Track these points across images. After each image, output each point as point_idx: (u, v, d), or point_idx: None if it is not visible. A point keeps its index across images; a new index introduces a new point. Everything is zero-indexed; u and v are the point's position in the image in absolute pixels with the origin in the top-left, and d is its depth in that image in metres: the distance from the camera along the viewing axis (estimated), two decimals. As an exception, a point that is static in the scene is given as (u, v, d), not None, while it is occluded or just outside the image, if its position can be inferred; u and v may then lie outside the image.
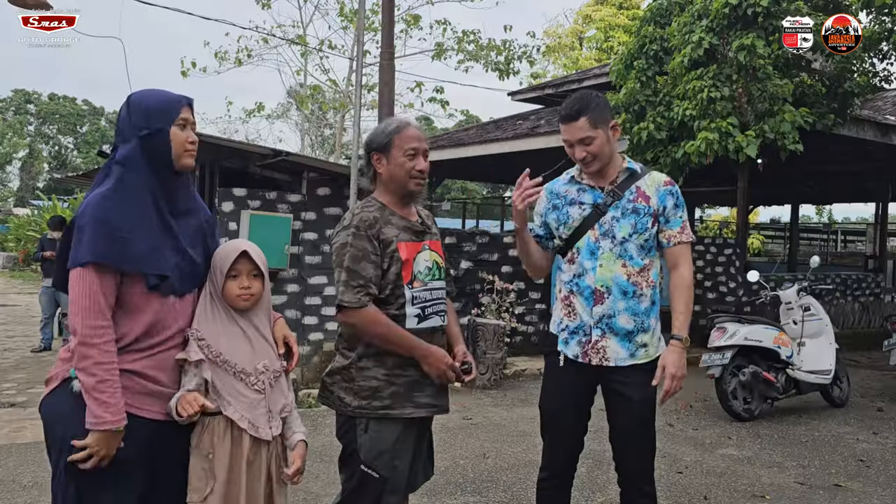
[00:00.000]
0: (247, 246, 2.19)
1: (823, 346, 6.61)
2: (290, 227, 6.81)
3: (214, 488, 2.06)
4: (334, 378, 2.43)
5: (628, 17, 24.86)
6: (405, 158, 2.40)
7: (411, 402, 2.38)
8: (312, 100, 19.24)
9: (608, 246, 2.64)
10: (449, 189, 37.34)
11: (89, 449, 1.88)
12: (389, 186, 2.44)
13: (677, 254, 2.72)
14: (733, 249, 10.87)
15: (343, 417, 2.42)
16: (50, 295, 8.61)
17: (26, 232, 22.72)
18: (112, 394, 1.88)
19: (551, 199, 2.78)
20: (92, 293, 1.89)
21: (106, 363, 1.88)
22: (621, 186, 2.67)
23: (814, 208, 38.36)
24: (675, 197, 2.69)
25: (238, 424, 2.08)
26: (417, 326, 2.39)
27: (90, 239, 1.90)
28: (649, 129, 8.68)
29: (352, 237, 2.33)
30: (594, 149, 2.61)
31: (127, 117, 2.05)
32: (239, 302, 2.15)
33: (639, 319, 2.67)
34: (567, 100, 2.73)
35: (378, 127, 2.49)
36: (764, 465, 4.91)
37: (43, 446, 2.06)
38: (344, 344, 2.43)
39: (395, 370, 2.36)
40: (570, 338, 2.70)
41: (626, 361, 2.64)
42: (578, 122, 2.60)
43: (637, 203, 2.65)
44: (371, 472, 2.33)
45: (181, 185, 2.12)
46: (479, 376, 7.06)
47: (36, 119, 49.43)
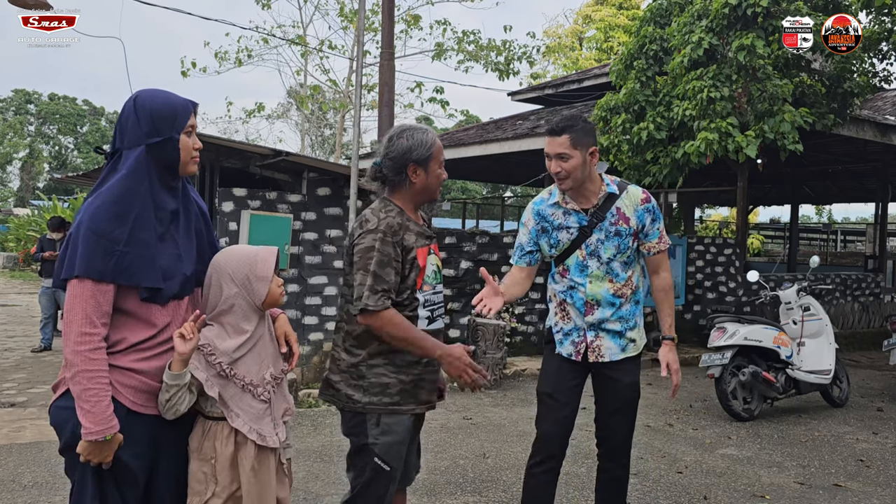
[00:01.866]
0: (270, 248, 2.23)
1: (823, 346, 6.61)
2: (291, 227, 6.81)
3: (216, 492, 2.06)
4: (342, 376, 2.46)
5: (628, 18, 24.86)
6: (440, 169, 2.52)
7: (415, 399, 2.46)
8: (312, 100, 19.26)
9: (595, 265, 2.92)
10: (449, 189, 37.34)
11: (82, 456, 1.90)
12: (418, 195, 2.51)
13: (657, 261, 3.02)
14: (733, 249, 10.87)
15: (351, 414, 2.45)
16: (50, 295, 8.62)
17: (26, 232, 22.73)
18: (96, 403, 1.87)
19: (539, 222, 3.00)
20: (83, 303, 1.89)
21: (91, 371, 1.88)
22: (602, 209, 2.90)
23: (814, 208, 38.40)
24: (651, 213, 2.95)
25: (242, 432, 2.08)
26: (428, 328, 2.48)
27: (85, 252, 1.89)
28: (649, 129, 8.69)
29: (379, 242, 2.35)
30: (568, 167, 2.80)
31: (136, 122, 2.00)
32: (281, 299, 2.21)
33: (626, 321, 2.97)
34: (557, 116, 2.93)
35: (415, 138, 2.45)
36: (764, 465, 4.91)
37: (43, 446, 2.07)
38: (352, 342, 2.45)
39: (403, 368, 2.44)
40: (564, 339, 3.00)
41: (618, 356, 2.96)
42: (560, 139, 2.80)
43: (619, 226, 2.90)
44: (383, 464, 2.40)
45: (178, 187, 2.11)
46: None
47: (36, 119, 49.44)
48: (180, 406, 2.01)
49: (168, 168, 2.03)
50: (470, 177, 21.81)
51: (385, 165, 2.47)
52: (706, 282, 10.55)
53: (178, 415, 2.02)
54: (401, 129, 2.51)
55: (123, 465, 1.95)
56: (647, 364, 8.73)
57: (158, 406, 2.01)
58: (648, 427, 5.80)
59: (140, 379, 1.99)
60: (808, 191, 18.76)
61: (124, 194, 1.95)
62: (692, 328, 10.21)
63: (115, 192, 1.95)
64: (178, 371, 1.96)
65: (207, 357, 2.05)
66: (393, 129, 2.54)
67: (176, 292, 2.05)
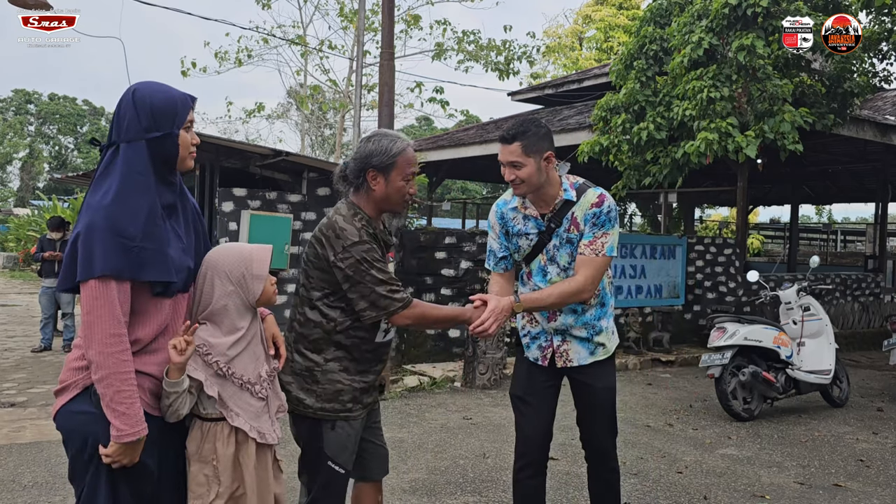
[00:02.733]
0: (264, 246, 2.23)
1: (823, 346, 6.61)
2: (291, 227, 6.81)
3: (220, 492, 2.06)
4: (294, 378, 2.44)
5: (628, 18, 24.87)
6: (403, 182, 2.44)
7: (360, 404, 2.51)
8: (312, 100, 19.26)
9: (555, 270, 2.87)
10: (449, 189, 37.36)
11: (112, 458, 1.88)
12: (379, 203, 2.47)
13: (580, 262, 2.79)
14: (733, 249, 10.88)
15: (301, 418, 2.45)
16: (50, 295, 8.61)
17: (26, 232, 22.73)
18: (130, 405, 1.87)
19: (503, 225, 2.95)
20: (108, 303, 1.86)
21: (122, 373, 1.86)
22: (558, 215, 2.83)
23: (814, 208, 38.39)
24: (596, 217, 2.78)
25: (242, 431, 2.09)
26: (384, 339, 2.51)
27: (104, 251, 1.86)
28: (649, 129, 8.69)
29: (369, 252, 2.36)
30: (522, 174, 2.74)
31: (136, 117, 1.97)
32: (274, 298, 2.21)
33: (590, 326, 2.90)
34: (510, 122, 2.86)
35: (380, 143, 2.42)
36: (764, 465, 4.91)
37: (43, 446, 2.06)
38: (307, 345, 2.44)
39: (356, 376, 2.47)
40: (532, 343, 2.98)
41: (587, 360, 2.91)
42: (511, 146, 2.74)
43: (570, 233, 2.82)
44: (337, 468, 2.44)
45: (175, 182, 2.10)
46: (479, 376, 7.07)
47: (36, 119, 49.45)
48: (182, 409, 2.01)
49: (166, 163, 2.02)
50: (470, 177, 21.79)
51: (349, 166, 2.49)
52: (706, 282, 10.55)
53: (180, 418, 2.03)
54: (374, 133, 2.52)
55: (142, 465, 1.95)
56: (647, 364, 8.74)
57: (160, 410, 2.01)
58: (648, 427, 5.80)
59: (152, 381, 1.99)
60: (808, 191, 18.76)
61: (133, 191, 1.93)
62: (692, 328, 10.21)
63: (124, 189, 1.92)
64: (175, 379, 1.96)
65: (204, 357, 2.05)
66: (370, 132, 2.56)
67: (182, 287, 2.05)
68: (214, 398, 2.06)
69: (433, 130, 35.51)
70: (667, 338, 9.39)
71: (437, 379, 7.12)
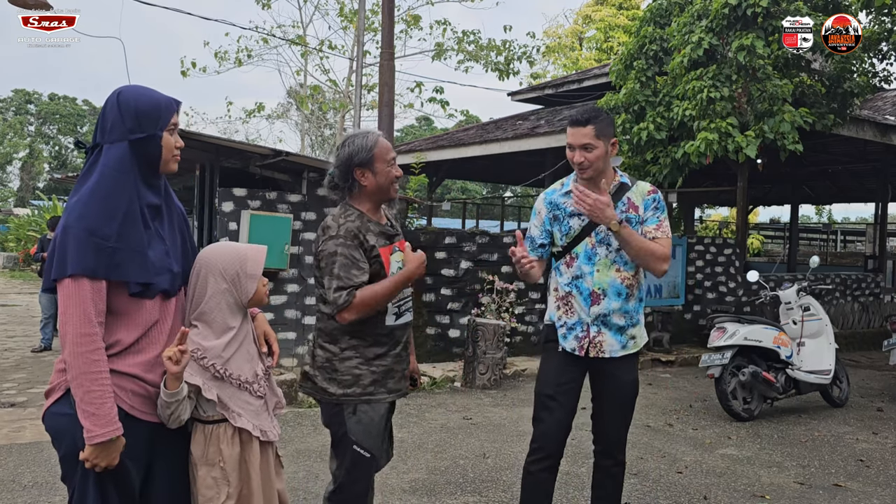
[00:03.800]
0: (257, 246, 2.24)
1: (823, 346, 6.61)
2: (291, 227, 6.81)
3: (230, 493, 2.06)
4: (318, 371, 2.59)
5: (628, 18, 24.86)
6: (388, 168, 2.60)
7: (385, 388, 2.60)
8: (312, 100, 19.25)
9: (604, 252, 2.94)
10: (449, 189, 37.36)
11: (89, 461, 1.88)
12: (374, 196, 2.61)
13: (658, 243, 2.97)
14: (733, 249, 10.88)
15: (328, 406, 2.58)
16: (50, 295, 8.61)
17: (26, 232, 22.75)
18: (100, 405, 1.85)
19: (552, 210, 3.05)
20: (80, 302, 1.86)
21: (91, 373, 1.85)
22: (615, 196, 2.94)
23: (814, 208, 38.39)
24: (655, 202, 2.99)
25: (246, 431, 2.10)
26: (395, 323, 2.61)
27: (77, 250, 1.86)
28: (649, 129, 8.69)
29: (341, 247, 2.49)
30: (592, 157, 2.87)
31: (120, 118, 1.98)
32: (266, 300, 2.22)
33: (629, 316, 2.99)
34: (579, 108, 2.97)
35: (355, 143, 2.57)
36: (764, 464, 4.92)
37: (43, 446, 2.06)
38: (325, 338, 2.58)
39: (373, 360, 2.57)
40: (568, 333, 3.00)
41: (618, 353, 2.97)
42: (585, 129, 2.86)
43: (629, 213, 2.95)
44: (363, 451, 2.53)
45: (160, 184, 2.10)
46: (479, 376, 7.07)
47: (36, 119, 49.44)
48: (183, 415, 2.01)
49: (150, 165, 2.03)
50: (470, 177, 21.81)
51: (335, 174, 2.62)
52: (706, 282, 10.55)
53: (181, 423, 2.03)
54: (345, 138, 2.65)
55: (124, 468, 1.94)
56: (647, 364, 8.74)
57: (161, 418, 2.01)
58: (648, 427, 5.80)
59: (138, 383, 1.97)
60: (808, 191, 18.77)
61: (111, 190, 1.94)
62: (692, 328, 10.22)
63: (101, 189, 1.93)
64: (173, 389, 1.96)
65: (199, 361, 2.05)
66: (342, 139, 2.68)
67: (166, 288, 2.03)
68: (214, 401, 2.06)
69: (433, 130, 35.52)
70: (667, 338, 9.39)
71: (438, 379, 7.12)
